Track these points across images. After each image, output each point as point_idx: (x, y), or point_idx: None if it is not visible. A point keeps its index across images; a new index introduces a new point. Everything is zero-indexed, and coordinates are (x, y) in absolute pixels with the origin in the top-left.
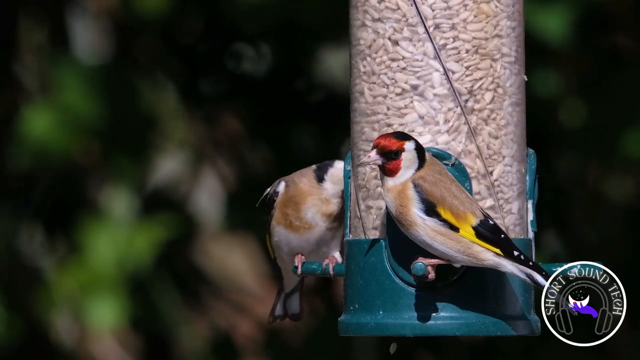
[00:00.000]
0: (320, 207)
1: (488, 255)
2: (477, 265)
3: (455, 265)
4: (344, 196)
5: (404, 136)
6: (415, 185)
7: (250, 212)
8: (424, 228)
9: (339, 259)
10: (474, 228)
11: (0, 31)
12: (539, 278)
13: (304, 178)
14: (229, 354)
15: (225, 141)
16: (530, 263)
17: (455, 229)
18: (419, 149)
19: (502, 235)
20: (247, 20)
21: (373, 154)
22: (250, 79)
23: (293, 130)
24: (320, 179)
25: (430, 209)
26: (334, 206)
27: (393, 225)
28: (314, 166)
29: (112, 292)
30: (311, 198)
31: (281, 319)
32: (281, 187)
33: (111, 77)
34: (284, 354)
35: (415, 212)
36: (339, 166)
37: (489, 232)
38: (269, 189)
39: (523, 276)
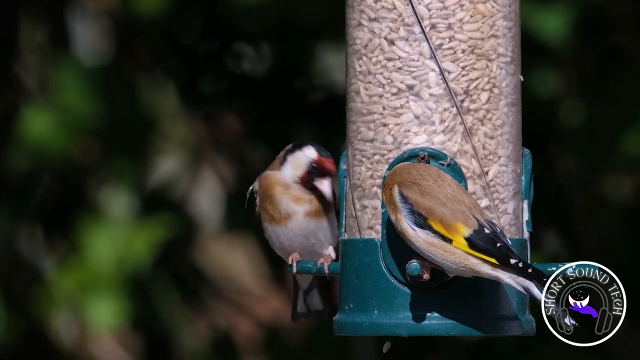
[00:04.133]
0: (289, 192)
1: (485, 268)
2: (476, 275)
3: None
4: (340, 195)
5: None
6: (404, 197)
7: (250, 212)
8: (416, 239)
9: (333, 255)
10: (466, 239)
11: (0, 31)
12: (535, 291)
13: (273, 165)
14: (229, 354)
15: (224, 141)
16: (530, 270)
17: (448, 240)
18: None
19: (498, 244)
20: (246, 20)
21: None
22: (250, 79)
23: (293, 129)
24: (283, 162)
25: (421, 221)
26: (296, 190)
27: (388, 224)
28: (288, 146)
29: (111, 292)
30: (278, 186)
31: (305, 317)
32: (256, 184)
33: (111, 77)
34: (284, 354)
35: (406, 222)
36: (306, 151)
37: (483, 241)
38: (250, 188)
39: (521, 289)
